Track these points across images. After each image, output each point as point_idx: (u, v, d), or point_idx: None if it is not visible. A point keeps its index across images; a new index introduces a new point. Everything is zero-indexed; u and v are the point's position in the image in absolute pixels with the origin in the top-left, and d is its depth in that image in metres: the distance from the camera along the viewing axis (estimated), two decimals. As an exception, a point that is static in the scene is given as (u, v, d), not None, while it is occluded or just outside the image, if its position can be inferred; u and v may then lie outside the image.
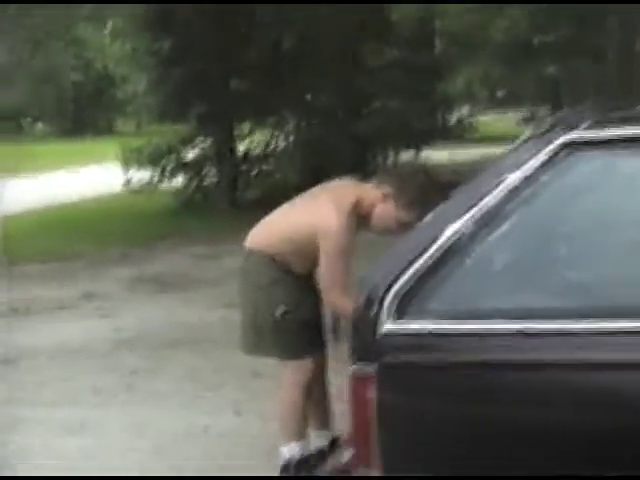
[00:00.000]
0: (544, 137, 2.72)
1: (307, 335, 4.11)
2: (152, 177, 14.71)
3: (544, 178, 2.59)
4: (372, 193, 3.97)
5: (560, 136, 2.63)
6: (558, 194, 2.61)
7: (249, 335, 4.16)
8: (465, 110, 29.22)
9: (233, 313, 7.53)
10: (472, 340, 2.56)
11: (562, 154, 2.60)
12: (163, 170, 14.68)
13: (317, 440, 4.26)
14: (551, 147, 2.61)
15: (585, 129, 2.64)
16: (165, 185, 14.86)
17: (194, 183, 14.75)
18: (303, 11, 12.87)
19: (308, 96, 13.85)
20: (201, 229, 12.59)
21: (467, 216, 2.60)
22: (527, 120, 28.64)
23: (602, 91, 28.60)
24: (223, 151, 14.21)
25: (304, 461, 4.11)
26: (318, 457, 4.21)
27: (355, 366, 2.65)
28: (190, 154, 14.87)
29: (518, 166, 2.62)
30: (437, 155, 15.88)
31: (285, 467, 4.10)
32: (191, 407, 5.46)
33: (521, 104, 33.34)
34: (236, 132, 14.54)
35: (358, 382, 2.63)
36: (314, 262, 4.04)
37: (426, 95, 15.37)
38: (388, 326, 2.60)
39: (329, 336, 4.19)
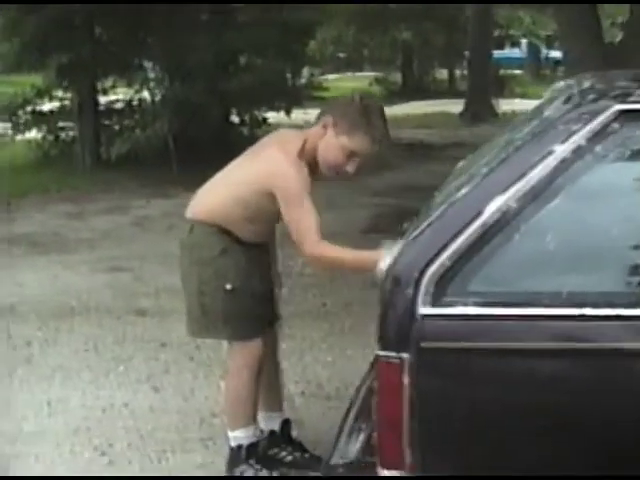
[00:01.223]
0: (589, 106, 2.52)
1: (259, 311, 3.79)
2: (5, 129, 13.84)
3: (597, 149, 2.40)
4: (314, 132, 3.61)
5: (611, 106, 2.44)
6: (612, 167, 2.44)
7: (196, 317, 3.77)
8: (314, 71, 29.15)
9: (117, 278, 7.34)
10: (520, 325, 2.36)
11: (615, 124, 2.41)
12: (17, 122, 13.81)
13: (267, 423, 3.98)
14: (602, 118, 2.42)
15: (637, 98, 2.47)
16: (20, 138, 14.02)
17: (51, 136, 13.99)
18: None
19: (174, 50, 13.23)
20: (64, 186, 11.93)
21: (512, 190, 2.39)
22: (380, 81, 28.87)
23: (451, 56, 29.33)
24: (84, 104, 13.49)
25: (254, 445, 3.83)
26: (271, 441, 3.94)
27: (386, 351, 2.41)
28: (47, 106, 14.08)
29: (566, 137, 2.41)
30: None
31: (235, 452, 3.81)
32: (103, 383, 5.06)
33: (371, 66, 33.67)
34: (99, 86, 13.82)
35: (390, 368, 2.41)
36: (268, 225, 3.74)
37: (295, 55, 15.05)
38: (426, 309, 2.37)
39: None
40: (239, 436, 3.81)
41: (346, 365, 5.14)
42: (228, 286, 3.65)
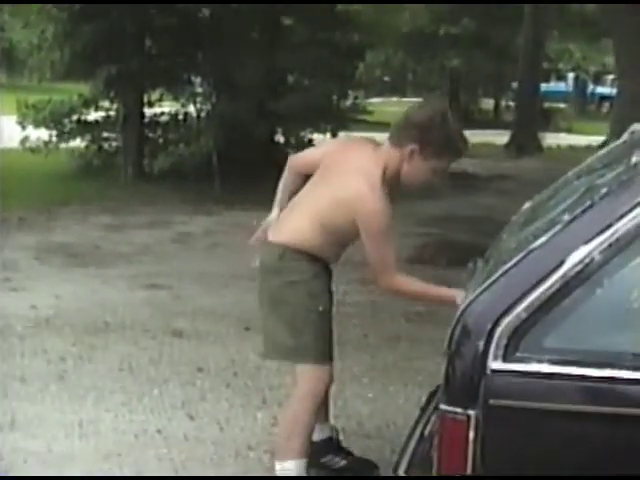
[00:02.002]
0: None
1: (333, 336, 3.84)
2: (50, 136, 13.84)
3: (691, 203, 2.21)
4: (395, 155, 3.57)
5: None
6: None
7: (283, 340, 3.72)
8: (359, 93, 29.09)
9: (155, 295, 7.20)
10: (599, 388, 2.17)
11: None
12: (62, 130, 13.81)
13: (319, 434, 4.00)
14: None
15: None
16: (64, 146, 14.02)
17: (94, 146, 13.98)
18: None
19: (223, 67, 13.17)
20: (105, 197, 11.89)
21: (597, 240, 2.21)
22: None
23: (502, 86, 29.18)
24: (129, 116, 13.46)
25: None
26: (324, 448, 4.00)
27: (452, 406, 2.24)
28: (93, 116, 14.07)
29: (660, 185, 2.23)
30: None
31: None
32: (137, 406, 4.90)
33: (415, 92, 33.51)
34: (145, 98, 13.78)
35: (455, 424, 2.23)
36: (345, 247, 3.77)
37: (344, 77, 14.94)
38: (497, 364, 2.20)
39: None
40: (288, 468, 3.69)
41: (388, 402, 4.96)
42: (321, 308, 3.70)
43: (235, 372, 5.43)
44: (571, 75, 35.89)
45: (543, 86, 25.70)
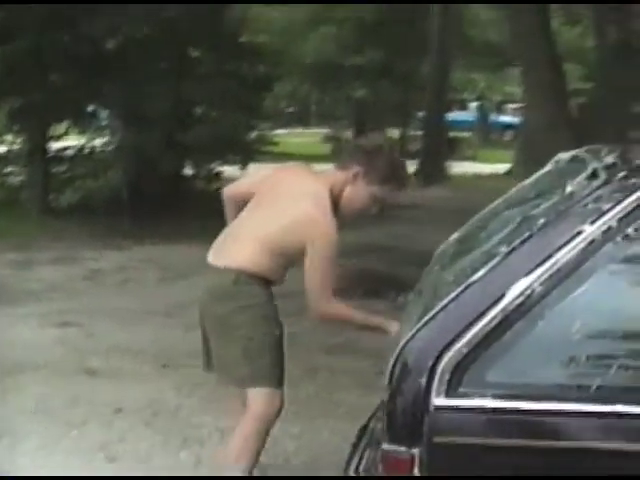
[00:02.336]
0: (620, 184, 2.34)
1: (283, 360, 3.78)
2: (-49, 171, 13.50)
3: (629, 231, 2.23)
4: (339, 178, 3.62)
5: (643, 186, 2.27)
6: (647, 251, 2.25)
7: (238, 365, 3.64)
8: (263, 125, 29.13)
9: (67, 334, 7.00)
10: (543, 421, 2.15)
11: (650, 206, 2.24)
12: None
13: None
14: (635, 197, 2.25)
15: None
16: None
17: (-3, 181, 13.67)
18: (139, 9, 12.16)
19: (130, 98, 13.00)
20: (11, 233, 11.56)
21: (538, 272, 2.20)
22: (330, 139, 28.86)
23: (408, 114, 29.53)
24: (34, 150, 13.17)
25: None
26: None
27: (392, 445, 2.19)
28: (-5, 150, 13.77)
29: (596, 217, 2.24)
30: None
31: None
32: (54, 449, 4.73)
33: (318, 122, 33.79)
34: (50, 131, 13.52)
35: (399, 463, 2.18)
36: (287, 269, 3.72)
37: (252, 108, 14.90)
38: (440, 400, 2.16)
39: None
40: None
41: (313, 437, 4.90)
42: (277, 332, 3.66)
43: (154, 411, 5.30)
44: (473, 104, 36.58)
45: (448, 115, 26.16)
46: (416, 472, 2.16)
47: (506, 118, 35.97)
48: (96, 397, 5.53)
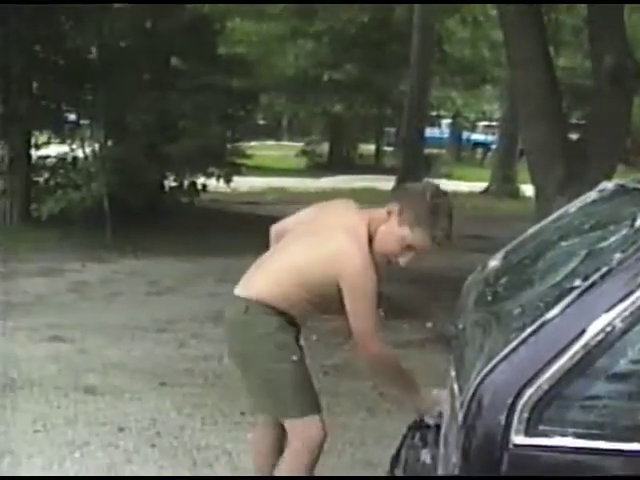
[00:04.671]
0: None
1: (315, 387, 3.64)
2: None
3: None
4: (378, 215, 3.46)
5: None
6: None
7: (262, 396, 3.59)
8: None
9: (59, 349, 6.85)
10: (626, 462, 2.09)
11: None
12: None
13: None
14: None
15: None
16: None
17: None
18: (121, 21, 12.06)
19: (113, 109, 12.87)
20: (-11, 242, 11.38)
21: (618, 309, 2.14)
22: (305, 152, 28.85)
23: (384, 131, 29.64)
24: (15, 158, 12.98)
25: None
26: None
27: (469, 485, 2.12)
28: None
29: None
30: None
31: None
32: (58, 471, 4.60)
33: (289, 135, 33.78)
34: (32, 140, 13.34)
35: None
36: (317, 308, 3.56)
37: (235, 120, 14.82)
38: (520, 439, 2.10)
39: None
40: None
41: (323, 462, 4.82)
42: (294, 357, 3.50)
43: (158, 431, 5.19)
44: (444, 121, 36.70)
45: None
46: (494, 512, 2.09)
47: (478, 136, 36.20)
48: (97, 416, 5.41)
